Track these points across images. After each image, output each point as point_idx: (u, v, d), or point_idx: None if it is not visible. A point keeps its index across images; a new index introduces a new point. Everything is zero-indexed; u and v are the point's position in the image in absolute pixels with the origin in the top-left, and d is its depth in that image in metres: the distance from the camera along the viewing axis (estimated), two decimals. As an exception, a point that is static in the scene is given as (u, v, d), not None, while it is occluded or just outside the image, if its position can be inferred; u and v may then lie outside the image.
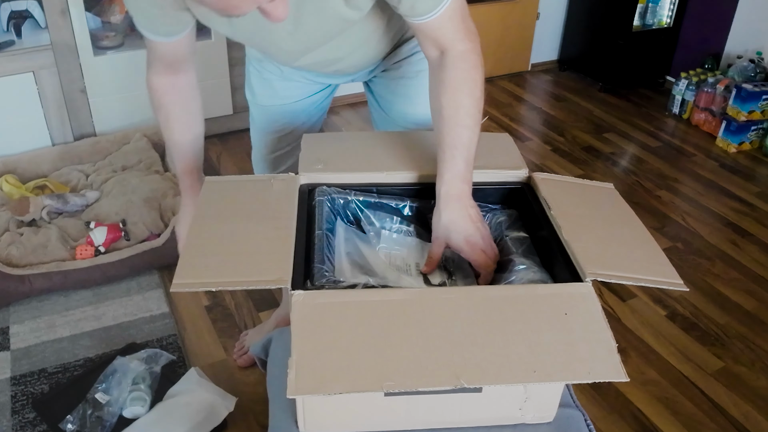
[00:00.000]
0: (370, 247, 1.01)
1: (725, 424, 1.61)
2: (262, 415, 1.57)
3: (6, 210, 2.06)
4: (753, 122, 2.86)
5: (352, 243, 1.01)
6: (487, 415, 0.87)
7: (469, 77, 0.97)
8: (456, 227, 0.95)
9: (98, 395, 1.52)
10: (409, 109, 1.30)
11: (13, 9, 2.34)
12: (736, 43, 3.14)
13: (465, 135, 0.96)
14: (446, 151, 0.97)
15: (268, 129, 1.40)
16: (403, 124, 1.31)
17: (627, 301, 1.99)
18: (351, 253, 0.99)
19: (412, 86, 1.27)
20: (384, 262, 0.99)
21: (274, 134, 1.40)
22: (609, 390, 1.68)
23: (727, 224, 2.40)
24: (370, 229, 1.04)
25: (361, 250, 1.00)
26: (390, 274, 0.97)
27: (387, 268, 0.98)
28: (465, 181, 0.96)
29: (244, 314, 1.90)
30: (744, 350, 1.83)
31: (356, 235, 1.03)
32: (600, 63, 3.46)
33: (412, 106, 1.29)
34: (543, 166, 2.75)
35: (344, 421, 0.85)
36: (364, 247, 1.01)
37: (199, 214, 0.94)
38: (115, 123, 2.57)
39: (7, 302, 1.86)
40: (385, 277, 0.96)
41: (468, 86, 0.97)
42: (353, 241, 1.01)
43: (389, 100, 1.32)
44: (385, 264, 0.99)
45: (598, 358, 0.74)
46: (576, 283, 0.84)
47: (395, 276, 0.97)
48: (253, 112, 1.43)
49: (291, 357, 0.71)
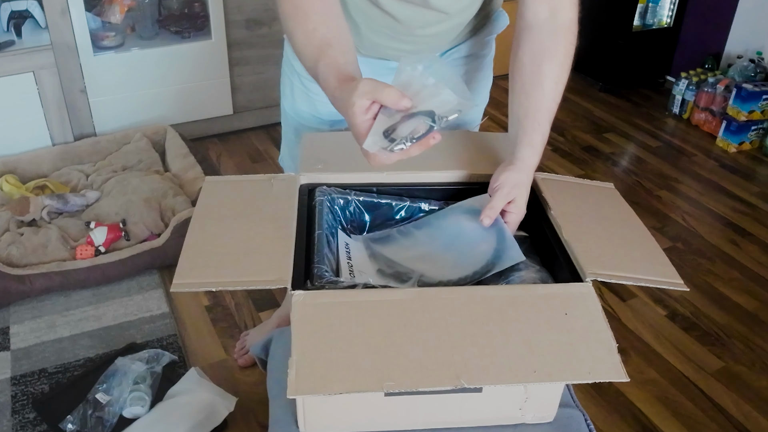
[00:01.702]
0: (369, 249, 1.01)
1: (725, 424, 1.61)
2: (262, 415, 1.57)
3: (6, 210, 2.06)
4: (753, 122, 2.85)
5: (352, 246, 1.01)
6: (487, 415, 0.87)
7: (570, 54, 0.99)
8: (525, 192, 0.99)
9: (99, 395, 1.52)
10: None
11: (13, 9, 2.34)
12: (736, 43, 3.13)
13: (554, 110, 1.00)
14: (535, 120, 0.99)
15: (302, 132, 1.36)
16: None
17: (627, 301, 1.99)
18: (351, 257, 0.99)
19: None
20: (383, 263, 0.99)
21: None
22: (609, 390, 1.68)
23: (727, 224, 2.40)
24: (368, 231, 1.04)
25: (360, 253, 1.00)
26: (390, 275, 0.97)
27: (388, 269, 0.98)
28: (540, 154, 1.01)
29: (245, 314, 1.90)
30: (744, 350, 1.83)
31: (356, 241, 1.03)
32: (600, 63, 3.45)
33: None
34: (543, 166, 2.73)
35: (344, 421, 0.85)
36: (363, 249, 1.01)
37: (199, 214, 0.94)
38: (115, 123, 2.57)
39: (7, 302, 1.86)
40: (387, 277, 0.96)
41: (569, 63, 1.00)
42: (353, 246, 1.01)
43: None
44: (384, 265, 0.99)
45: (598, 358, 0.74)
46: (576, 283, 0.84)
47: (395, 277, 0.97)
48: (292, 122, 1.35)
49: (291, 357, 0.72)
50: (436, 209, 1.05)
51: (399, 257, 1.00)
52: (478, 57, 1.29)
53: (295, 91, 1.30)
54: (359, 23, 1.13)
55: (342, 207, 1.03)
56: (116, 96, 2.54)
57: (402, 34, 1.12)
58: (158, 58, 2.56)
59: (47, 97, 2.40)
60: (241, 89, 2.78)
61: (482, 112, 1.39)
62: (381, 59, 1.22)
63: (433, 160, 1.05)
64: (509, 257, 0.92)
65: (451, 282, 0.94)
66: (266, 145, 2.78)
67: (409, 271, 0.98)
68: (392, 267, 0.98)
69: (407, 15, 1.07)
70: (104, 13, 2.52)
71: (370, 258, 1.00)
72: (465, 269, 0.95)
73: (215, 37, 2.62)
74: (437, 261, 0.98)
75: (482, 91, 1.37)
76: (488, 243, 0.96)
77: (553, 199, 0.99)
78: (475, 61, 1.29)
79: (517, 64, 1.02)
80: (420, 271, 0.97)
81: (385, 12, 1.07)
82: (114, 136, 2.51)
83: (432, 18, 1.08)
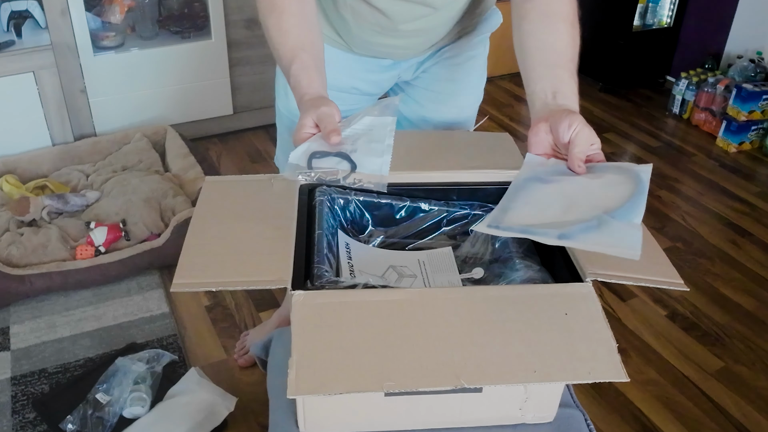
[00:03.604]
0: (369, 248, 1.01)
1: (725, 424, 1.61)
2: (262, 415, 1.57)
3: (6, 210, 2.06)
4: (753, 122, 2.85)
5: (353, 246, 1.01)
6: (487, 415, 0.87)
7: (576, 18, 1.01)
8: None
9: (99, 395, 1.52)
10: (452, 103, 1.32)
11: (13, 9, 2.34)
12: (736, 43, 3.13)
13: (577, 66, 0.99)
14: (567, 70, 0.97)
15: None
16: (436, 123, 1.32)
17: (627, 301, 1.99)
18: (351, 257, 0.99)
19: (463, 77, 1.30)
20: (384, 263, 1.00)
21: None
22: (609, 390, 1.68)
23: (727, 224, 2.40)
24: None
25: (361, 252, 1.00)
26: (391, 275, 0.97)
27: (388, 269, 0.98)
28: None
29: (245, 314, 1.90)
30: (744, 350, 1.83)
31: (357, 241, 1.03)
32: (600, 63, 3.45)
33: (462, 96, 1.32)
34: (543, 166, 2.74)
35: (344, 421, 0.85)
36: (364, 248, 1.01)
37: (199, 214, 0.94)
38: (115, 123, 2.58)
39: (7, 302, 1.86)
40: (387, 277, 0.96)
41: (578, 27, 1.01)
42: (353, 245, 1.01)
43: (438, 90, 1.32)
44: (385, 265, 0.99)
45: (598, 358, 0.74)
46: (576, 283, 0.84)
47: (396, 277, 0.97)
48: (286, 120, 1.38)
49: (291, 357, 0.71)
50: (435, 209, 1.05)
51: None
52: (472, 57, 1.29)
53: (288, 90, 1.31)
54: (348, 20, 1.14)
55: (342, 207, 1.03)
56: (116, 96, 2.54)
57: (389, 30, 1.13)
58: (158, 58, 2.56)
59: (47, 97, 2.40)
60: (241, 89, 2.78)
61: (476, 111, 1.39)
62: (373, 57, 1.23)
63: (433, 161, 1.05)
64: (642, 170, 0.89)
65: None
66: (266, 145, 2.78)
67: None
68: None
69: (394, 9, 1.08)
70: (104, 13, 2.52)
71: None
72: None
73: (215, 37, 2.62)
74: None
75: (476, 91, 1.37)
76: (617, 180, 0.91)
77: (553, 199, 0.99)
78: (468, 61, 1.29)
79: (526, 28, 1.00)
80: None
81: (372, 6, 1.08)
82: (114, 136, 2.51)
83: (418, 12, 1.08)
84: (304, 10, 1.00)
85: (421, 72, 1.31)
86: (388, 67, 1.26)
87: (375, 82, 1.29)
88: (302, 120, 0.92)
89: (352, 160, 0.84)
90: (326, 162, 0.88)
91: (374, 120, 0.88)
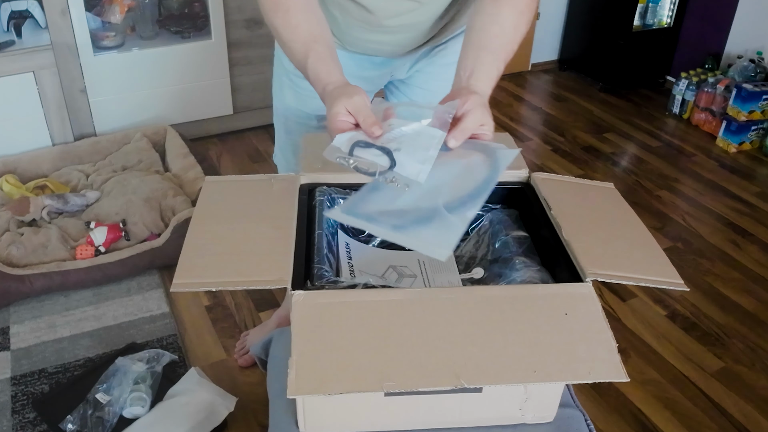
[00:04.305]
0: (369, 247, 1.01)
1: (725, 424, 1.61)
2: (262, 415, 1.57)
3: (6, 210, 2.06)
4: (753, 122, 2.85)
5: (352, 246, 1.01)
6: (487, 415, 0.87)
7: (531, 8, 1.00)
8: (490, 115, 0.93)
9: (99, 395, 1.52)
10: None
11: (14, 9, 2.34)
12: (736, 43, 3.13)
13: (510, 54, 0.99)
14: (493, 55, 0.97)
15: (297, 132, 1.38)
16: None
17: (627, 301, 1.99)
18: (351, 256, 0.99)
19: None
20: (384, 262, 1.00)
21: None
22: (609, 390, 1.68)
23: (727, 224, 2.40)
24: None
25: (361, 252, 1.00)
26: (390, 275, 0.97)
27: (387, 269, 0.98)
28: (492, 89, 0.98)
29: (245, 314, 1.90)
30: (744, 350, 1.83)
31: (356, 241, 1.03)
32: (600, 63, 3.46)
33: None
34: (543, 166, 2.75)
35: (344, 421, 0.85)
36: (363, 248, 1.01)
37: (199, 214, 0.94)
38: (115, 123, 2.58)
39: (7, 302, 1.86)
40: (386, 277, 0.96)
41: (529, 16, 1.01)
42: (353, 245, 1.01)
43: (433, 89, 1.31)
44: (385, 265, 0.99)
45: (598, 358, 0.74)
46: (576, 283, 0.84)
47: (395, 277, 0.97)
48: (282, 118, 1.38)
49: (291, 357, 0.72)
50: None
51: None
52: None
53: (284, 88, 1.32)
54: (337, 16, 1.14)
55: (342, 207, 1.03)
56: (116, 96, 2.54)
57: (374, 26, 1.13)
58: (158, 58, 2.56)
59: (47, 97, 2.40)
60: (241, 89, 2.78)
61: None
62: (365, 54, 1.23)
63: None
64: (504, 156, 0.88)
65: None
66: (266, 145, 2.78)
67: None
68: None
69: (378, 5, 1.08)
70: (104, 13, 2.52)
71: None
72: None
73: (215, 37, 2.62)
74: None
75: None
76: (480, 162, 0.89)
77: (553, 199, 0.99)
78: None
79: (474, 7, 1.01)
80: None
81: (356, 2, 1.08)
82: (114, 136, 2.51)
83: (403, 7, 1.08)
84: (308, 3, 1.00)
85: (414, 71, 1.32)
86: (380, 64, 1.27)
87: (367, 79, 1.29)
88: (334, 108, 0.89)
89: (393, 158, 0.83)
90: (368, 153, 0.86)
91: (423, 128, 0.88)
